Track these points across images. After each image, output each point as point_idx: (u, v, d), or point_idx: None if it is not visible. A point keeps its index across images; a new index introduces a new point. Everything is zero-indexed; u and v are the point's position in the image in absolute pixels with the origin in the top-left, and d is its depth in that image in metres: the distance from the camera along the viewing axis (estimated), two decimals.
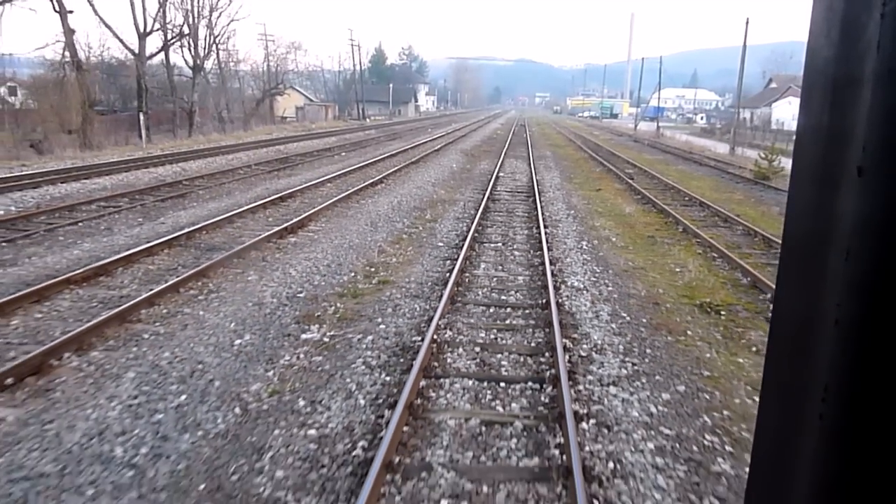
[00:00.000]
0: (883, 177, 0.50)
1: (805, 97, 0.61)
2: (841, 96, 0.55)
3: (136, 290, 7.01)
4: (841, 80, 0.55)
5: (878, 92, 0.50)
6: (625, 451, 4.22)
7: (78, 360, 5.20)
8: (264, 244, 9.26)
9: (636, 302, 7.54)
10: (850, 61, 0.54)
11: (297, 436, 4.30)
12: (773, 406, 0.66)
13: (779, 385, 0.65)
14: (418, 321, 6.57)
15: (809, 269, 0.59)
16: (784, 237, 0.64)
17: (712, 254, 10.20)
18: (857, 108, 0.52)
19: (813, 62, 0.59)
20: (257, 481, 3.80)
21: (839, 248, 0.54)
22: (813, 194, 0.59)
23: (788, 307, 0.64)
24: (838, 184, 0.54)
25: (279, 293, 7.21)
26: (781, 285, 0.65)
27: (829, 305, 0.54)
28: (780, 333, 0.66)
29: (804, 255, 0.61)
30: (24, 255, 8.54)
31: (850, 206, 0.53)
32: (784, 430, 0.63)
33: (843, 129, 0.54)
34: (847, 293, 0.53)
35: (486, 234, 10.97)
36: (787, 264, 0.65)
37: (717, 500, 3.77)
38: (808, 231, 0.60)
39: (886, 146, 0.50)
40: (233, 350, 5.62)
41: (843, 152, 0.54)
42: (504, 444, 4.30)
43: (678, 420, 4.70)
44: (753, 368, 5.75)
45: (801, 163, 0.62)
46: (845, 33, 0.54)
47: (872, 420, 0.53)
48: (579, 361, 5.68)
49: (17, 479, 3.64)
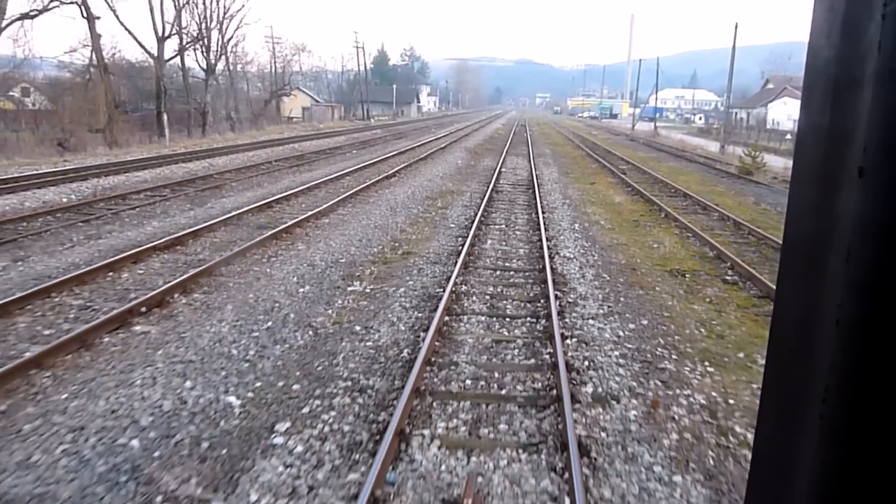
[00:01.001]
0: (884, 177, 0.50)
1: (806, 98, 0.60)
2: (842, 97, 0.55)
3: (210, 255, 8.65)
4: (842, 81, 0.55)
5: (878, 93, 0.50)
6: (597, 356, 5.83)
7: (185, 298, 6.84)
8: (304, 224, 10.89)
9: (616, 267, 9.15)
10: (850, 62, 0.53)
11: (358, 346, 5.92)
12: (774, 406, 0.66)
13: (779, 385, 0.65)
14: (439, 279, 8.18)
15: (810, 269, 0.59)
16: (785, 238, 0.64)
17: (687, 234, 11.80)
18: (857, 108, 0.52)
19: (814, 63, 0.59)
20: (336, 370, 5.40)
21: (840, 248, 0.53)
22: (814, 195, 0.59)
23: (789, 308, 0.64)
24: (839, 184, 0.54)
25: (325, 259, 8.84)
26: (782, 286, 0.65)
27: (830, 306, 0.54)
28: (780, 334, 0.65)
29: (805, 256, 0.60)
30: (105, 232, 10.17)
31: (850, 206, 0.52)
32: (784, 431, 0.63)
33: (844, 129, 0.54)
34: (848, 294, 0.53)
35: (491, 218, 12.57)
36: (788, 265, 0.65)
37: (660, 382, 5.36)
38: (809, 231, 0.60)
39: (887, 147, 0.50)
40: (298, 295, 7.24)
41: (843, 153, 0.53)
42: (509, 352, 5.91)
43: (639, 340, 6.32)
44: (704, 312, 7.35)
45: (801, 163, 0.62)
46: (846, 34, 0.54)
47: (873, 420, 0.52)
48: (567, 305, 7.30)
49: (175, 362, 5.26)
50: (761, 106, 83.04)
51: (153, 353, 5.43)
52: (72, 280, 7.12)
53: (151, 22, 33.61)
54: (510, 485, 3.81)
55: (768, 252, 10.43)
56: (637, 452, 4.21)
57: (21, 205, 12.50)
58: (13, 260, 8.32)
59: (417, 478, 3.85)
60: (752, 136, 49.96)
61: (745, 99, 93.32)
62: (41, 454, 3.91)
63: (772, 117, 71.45)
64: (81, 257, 8.46)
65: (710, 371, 5.63)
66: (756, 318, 7.17)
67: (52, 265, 8.05)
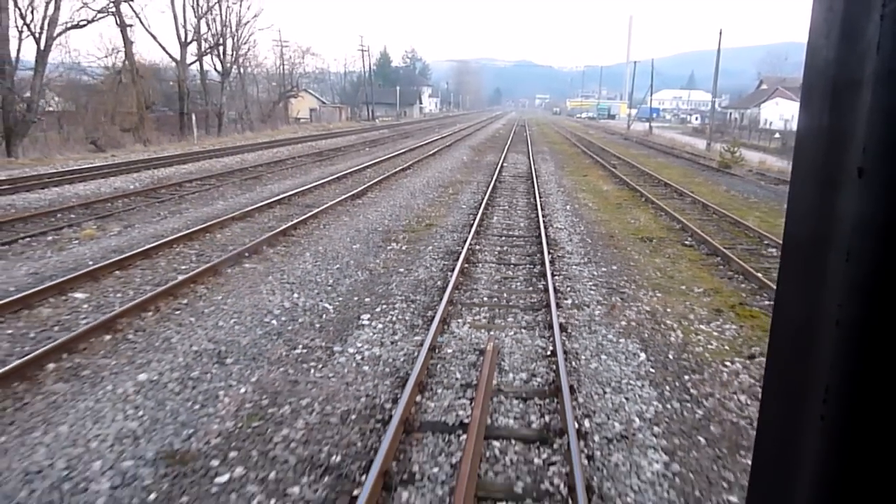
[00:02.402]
0: (883, 178, 0.50)
1: (805, 98, 0.61)
2: (841, 98, 0.55)
3: (277, 223, 10.96)
4: (841, 82, 0.55)
5: (878, 93, 0.50)
6: (576, 284, 8.12)
7: (272, 250, 9.16)
8: (344, 203, 13.21)
9: (597, 235, 11.44)
10: (850, 63, 0.54)
11: (404, 279, 8.20)
12: (775, 407, 0.66)
13: (780, 386, 0.66)
14: (457, 241, 10.46)
15: (810, 270, 0.59)
16: (784, 238, 0.65)
17: (661, 213, 14.08)
18: (857, 109, 0.52)
19: (813, 63, 0.59)
20: (391, 291, 7.68)
21: (840, 249, 0.53)
22: (813, 196, 0.59)
23: (789, 308, 0.65)
24: (839, 185, 0.54)
25: (366, 227, 11.14)
26: (782, 286, 0.65)
27: (830, 306, 0.54)
28: (781, 334, 0.66)
29: (805, 257, 0.60)
30: (182, 209, 12.48)
31: (850, 207, 0.53)
32: (785, 431, 0.63)
33: (844, 130, 0.54)
34: (848, 294, 0.53)
35: (496, 202, 14.86)
36: (788, 265, 0.64)
37: (619, 299, 7.63)
38: (809, 232, 0.60)
39: (887, 147, 0.50)
40: (353, 249, 9.54)
41: (843, 154, 0.53)
42: (513, 283, 8.19)
43: (608, 277, 8.60)
44: (662, 263, 9.62)
45: (801, 164, 0.62)
46: (845, 35, 0.54)
47: (874, 421, 0.52)
48: (556, 257, 9.58)
49: (282, 283, 7.57)
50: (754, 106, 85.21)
51: (265, 277, 7.76)
52: (182, 238, 9.44)
53: (175, 29, 35.94)
54: (515, 343, 6.10)
55: (724, 225, 12.73)
56: (597, 329, 6.50)
57: (98, 190, 14.80)
58: (124, 226, 10.64)
59: (457, 339, 6.14)
60: (744, 136, 52.32)
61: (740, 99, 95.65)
62: (223, 323, 6.21)
63: (764, 117, 73.45)
64: (176, 225, 10.78)
65: (657, 294, 7.91)
66: (701, 267, 9.45)
67: (159, 230, 10.37)
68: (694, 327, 6.73)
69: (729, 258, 9.64)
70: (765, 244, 10.93)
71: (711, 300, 7.74)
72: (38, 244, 9.42)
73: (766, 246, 10.80)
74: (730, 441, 4.38)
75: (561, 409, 4.66)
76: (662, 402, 4.95)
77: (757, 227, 12.18)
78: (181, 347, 5.60)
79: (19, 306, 6.34)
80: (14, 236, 9.67)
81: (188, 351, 5.54)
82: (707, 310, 7.34)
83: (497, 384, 5.15)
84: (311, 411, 4.60)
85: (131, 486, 3.67)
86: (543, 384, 5.20)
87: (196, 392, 4.81)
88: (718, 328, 6.74)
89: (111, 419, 4.35)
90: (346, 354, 5.70)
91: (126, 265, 8.02)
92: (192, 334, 5.93)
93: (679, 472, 3.99)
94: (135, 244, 9.26)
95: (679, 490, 3.80)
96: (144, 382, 4.89)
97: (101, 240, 9.69)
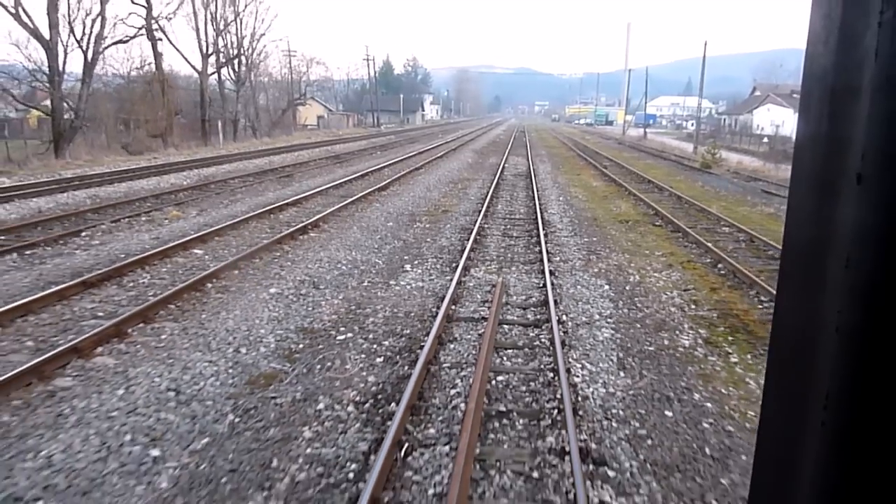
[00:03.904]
0: (882, 184, 0.50)
1: (804, 105, 0.61)
2: (839, 104, 0.55)
3: (324, 207, 13.48)
4: (839, 88, 0.55)
5: (876, 99, 0.50)
6: (563, 249, 10.60)
7: (326, 225, 11.67)
8: (372, 194, 15.73)
9: (584, 218, 13.93)
10: (848, 69, 0.54)
11: (432, 245, 10.67)
12: (775, 413, 0.67)
13: (780, 392, 0.66)
14: (469, 222, 12.93)
15: (810, 276, 0.59)
16: (784, 245, 0.65)
17: (640, 203, 16.56)
18: (855, 115, 0.52)
19: (811, 70, 0.60)
20: (423, 252, 10.15)
21: (839, 255, 0.54)
22: (813, 202, 0.59)
23: (789, 314, 0.65)
24: (838, 191, 0.54)
25: (395, 211, 13.65)
26: (782, 293, 0.66)
27: (830, 312, 0.54)
28: (781, 341, 0.66)
29: (804, 263, 0.61)
30: (238, 199, 14.97)
31: (849, 213, 0.53)
32: (786, 437, 0.63)
33: (842, 136, 0.54)
34: (847, 300, 0.53)
35: (499, 194, 17.35)
36: (788, 272, 0.65)
37: (595, 257, 10.09)
38: (808, 238, 0.60)
39: (885, 153, 0.50)
40: (387, 226, 12.04)
41: (842, 160, 0.54)
42: (515, 248, 10.65)
43: (588, 244, 11.08)
44: (634, 237, 12.07)
45: (800, 171, 0.62)
46: (843, 41, 0.54)
47: (874, 427, 0.52)
48: (549, 232, 12.06)
49: (342, 245, 10.06)
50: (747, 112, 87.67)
51: (329, 242, 10.28)
52: (253, 217, 11.98)
53: (197, 43, 38.60)
54: (517, 280, 8.55)
55: (692, 212, 15.20)
56: (576, 273, 8.97)
57: (158, 185, 17.30)
58: (199, 210, 13.14)
59: (475, 279, 8.60)
60: (735, 141, 54.96)
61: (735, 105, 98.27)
62: (310, 266, 8.72)
63: (757, 123, 75.84)
64: (241, 209, 13.28)
65: (625, 255, 10.37)
66: (664, 239, 11.91)
67: (229, 213, 12.89)
68: (649, 274, 9.20)
69: (687, 233, 12.10)
70: (721, 224, 13.39)
71: (666, 259, 10.20)
72: (136, 223, 11.92)
73: (721, 225, 13.26)
74: (655, 326, 6.84)
75: (547, 311, 7.11)
76: (615, 309, 7.42)
77: (718, 212, 14.65)
78: (289, 277, 8.10)
79: (161, 257, 8.83)
80: (115, 217, 12.16)
81: (293, 280, 8.04)
82: (661, 264, 9.81)
83: (505, 300, 7.62)
84: (385, 311, 7.07)
85: (286, 340, 6.13)
86: (536, 301, 7.66)
87: (306, 301, 7.29)
88: (667, 275, 9.20)
89: (261, 311, 6.83)
90: (399, 285, 8.17)
91: (222, 234, 10.54)
92: (292, 271, 8.45)
93: (620, 338, 6.45)
94: (216, 222, 11.75)
95: (618, 345, 6.26)
96: (273, 294, 7.39)
97: (187, 219, 12.21)
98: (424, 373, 5.36)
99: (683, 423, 4.67)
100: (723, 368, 5.77)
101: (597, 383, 5.31)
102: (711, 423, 4.71)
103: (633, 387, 5.27)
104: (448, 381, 5.28)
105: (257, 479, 3.83)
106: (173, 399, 4.78)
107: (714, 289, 8.48)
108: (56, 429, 4.31)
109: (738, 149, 46.07)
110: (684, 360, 5.91)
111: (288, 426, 4.47)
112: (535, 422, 4.62)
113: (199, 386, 5.01)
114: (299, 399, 4.89)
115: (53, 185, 16.08)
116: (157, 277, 8.06)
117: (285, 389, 5.05)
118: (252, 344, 5.97)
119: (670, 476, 3.97)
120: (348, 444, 4.26)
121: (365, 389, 5.10)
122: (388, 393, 5.04)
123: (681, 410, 4.88)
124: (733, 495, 3.80)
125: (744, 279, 8.80)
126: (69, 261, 8.82)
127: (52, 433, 4.25)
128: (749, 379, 5.53)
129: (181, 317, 6.64)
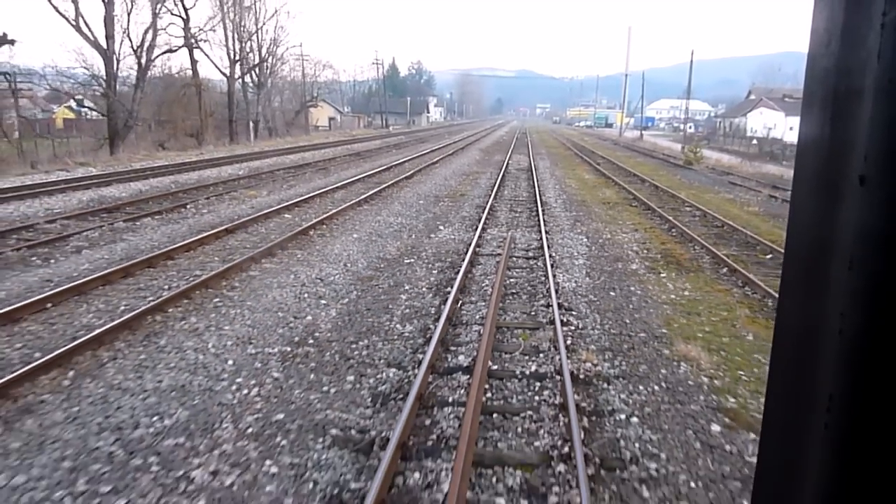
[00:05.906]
0: (885, 186, 0.50)
1: (806, 107, 0.61)
2: (842, 106, 0.55)
3: (367, 190, 16.80)
4: (842, 91, 0.55)
5: (879, 102, 0.50)
6: (556, 219, 13.92)
7: (367, 206, 15.01)
8: (400, 182, 19.09)
9: (574, 200, 17.26)
10: (850, 71, 0.54)
11: (456, 216, 13.99)
12: (779, 416, 0.67)
13: (783, 395, 0.66)
14: (482, 202, 16.23)
15: (812, 279, 0.59)
16: (787, 247, 0.65)
17: (622, 191, 19.87)
18: (858, 118, 0.52)
19: (814, 72, 0.60)
20: (450, 219, 13.46)
21: (842, 257, 0.54)
22: (815, 204, 0.59)
23: (792, 317, 0.65)
24: (840, 194, 0.54)
25: (421, 194, 16.99)
26: (785, 295, 0.66)
27: (833, 315, 0.55)
28: (784, 343, 0.66)
29: (807, 265, 0.61)
30: (292, 185, 18.30)
31: (852, 215, 0.53)
32: (789, 440, 0.64)
33: (845, 139, 0.54)
34: (850, 303, 0.53)
35: (505, 184, 20.67)
36: (790, 274, 0.65)
37: (578, 223, 13.39)
38: (811, 241, 0.60)
39: (888, 156, 0.50)
40: (419, 204, 15.37)
41: (844, 162, 0.54)
42: (519, 218, 13.97)
43: (576, 215, 14.39)
44: (612, 213, 15.37)
45: (802, 173, 0.62)
46: (846, 43, 0.55)
47: (878, 430, 0.52)
48: (546, 209, 15.37)
49: (380, 219, 13.39)
50: (742, 115, 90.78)
51: (379, 212, 13.62)
52: (315, 196, 15.30)
53: (226, 50, 42.06)
54: (521, 236, 11.86)
55: (665, 197, 18.51)
56: (565, 233, 12.29)
57: (219, 175, 20.63)
58: (268, 192, 16.45)
59: (491, 235, 11.90)
60: (728, 142, 58.34)
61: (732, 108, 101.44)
62: (372, 224, 12.09)
63: (750, 125, 78.85)
64: (300, 192, 16.59)
65: (603, 223, 13.66)
66: (636, 215, 15.20)
67: (293, 193, 16.22)
68: (618, 234, 12.50)
69: (655, 211, 15.40)
70: (685, 206, 16.68)
71: (634, 226, 13.50)
72: (225, 199, 15.24)
73: (684, 206, 16.56)
74: (615, 259, 10.14)
75: (542, 252, 10.40)
76: (589, 251, 10.73)
77: (686, 197, 17.94)
78: (361, 230, 11.50)
79: (264, 218, 12.19)
80: (206, 195, 15.47)
81: (365, 231, 11.46)
82: (629, 229, 13.11)
83: (513, 246, 10.93)
84: (432, 249, 10.40)
85: (373, 262, 9.44)
86: (535, 247, 10.96)
87: (376, 244, 10.64)
88: (631, 235, 12.49)
89: (351, 247, 10.21)
90: (438, 238, 11.50)
91: (298, 206, 13.91)
92: (363, 226, 11.92)
93: (589, 264, 9.75)
94: (287, 199, 15.07)
95: (588, 267, 9.56)
96: (355, 238, 10.79)
97: (261, 198, 15.55)
98: (465, 277, 8.67)
99: (620, 298, 7.98)
100: (652, 278, 9.08)
101: (570, 282, 8.63)
102: (638, 296, 8.02)
103: (593, 283, 8.59)
104: (479, 280, 8.60)
105: (382, 311, 7.15)
106: (321, 283, 8.12)
107: (663, 242, 11.79)
108: (273, 285, 7.66)
109: (729, 150, 49.22)
110: (629, 274, 9.22)
111: (391, 294, 7.80)
112: (533, 296, 7.92)
113: (332, 278, 8.37)
114: (392, 285, 8.22)
115: (138, 172, 19.43)
116: (270, 230, 11.42)
117: (383, 281, 8.39)
118: (353, 262, 9.31)
119: (604, 315, 7.28)
120: (427, 301, 7.58)
121: (431, 283, 8.42)
122: (444, 284, 8.36)
123: (620, 292, 8.19)
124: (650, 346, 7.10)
125: (688, 237, 12.10)
126: (198, 220, 12.17)
127: (278, 279, 7.63)
128: (668, 282, 8.84)
129: (302, 248, 10.03)
